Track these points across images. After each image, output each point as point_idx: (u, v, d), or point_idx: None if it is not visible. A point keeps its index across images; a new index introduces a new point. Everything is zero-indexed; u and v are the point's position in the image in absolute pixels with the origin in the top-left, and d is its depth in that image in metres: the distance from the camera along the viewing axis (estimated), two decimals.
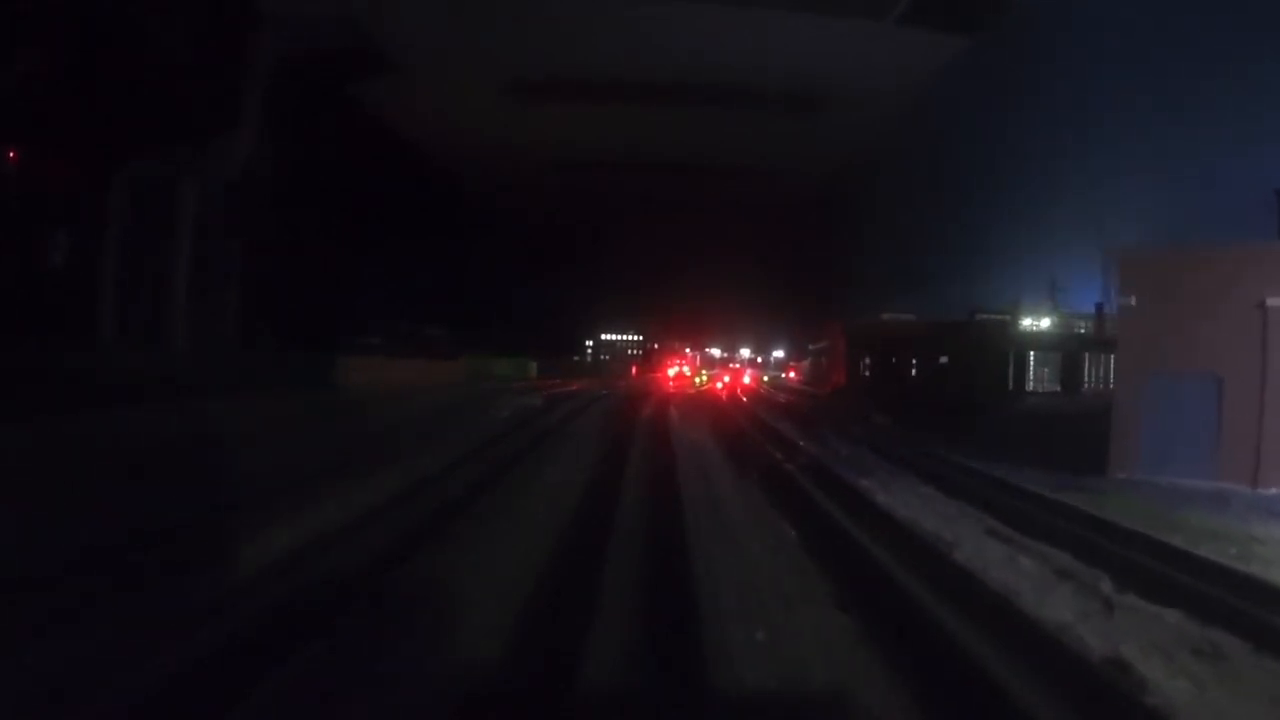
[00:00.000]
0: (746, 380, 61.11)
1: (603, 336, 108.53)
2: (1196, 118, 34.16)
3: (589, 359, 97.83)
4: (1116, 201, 36.69)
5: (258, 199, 30.33)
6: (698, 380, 64.37)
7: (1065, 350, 32.83)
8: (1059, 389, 31.57)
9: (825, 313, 54.26)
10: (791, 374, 73.80)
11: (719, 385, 56.96)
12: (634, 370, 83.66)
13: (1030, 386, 31.95)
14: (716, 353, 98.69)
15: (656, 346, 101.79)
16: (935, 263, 46.77)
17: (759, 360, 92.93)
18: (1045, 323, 39.48)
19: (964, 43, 34.69)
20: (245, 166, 29.59)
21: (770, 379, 72.72)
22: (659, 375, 71.98)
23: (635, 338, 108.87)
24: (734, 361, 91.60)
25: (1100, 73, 35.90)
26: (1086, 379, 32.34)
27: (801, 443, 18.55)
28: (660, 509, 10.54)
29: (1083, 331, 35.20)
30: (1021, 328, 38.42)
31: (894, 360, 35.81)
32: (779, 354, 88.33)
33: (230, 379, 20.21)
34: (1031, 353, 32.73)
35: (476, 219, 54.73)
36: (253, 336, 30.54)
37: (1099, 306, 29.95)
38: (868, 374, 37.47)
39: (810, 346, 59.16)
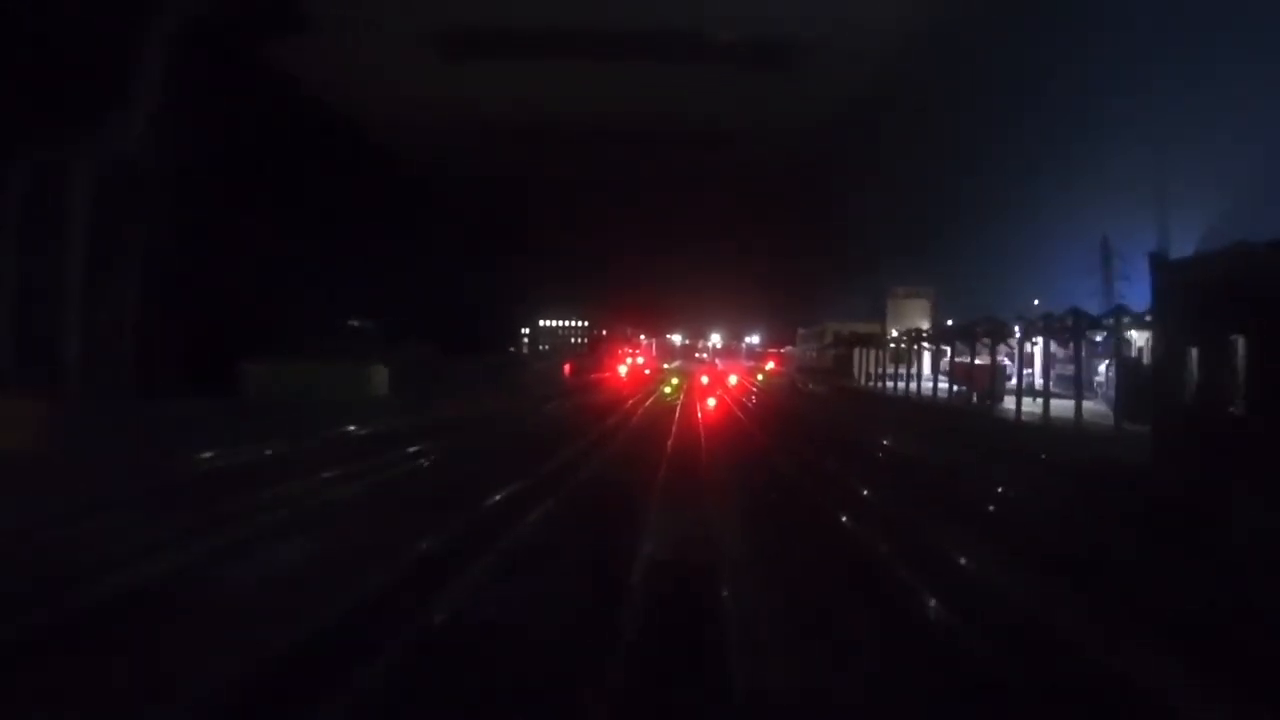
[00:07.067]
0: (733, 380, 52.04)
1: (541, 323, 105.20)
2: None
3: (524, 350, 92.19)
4: (1174, 166, 34.21)
5: (160, 184, 27.97)
6: (667, 389, 45.44)
7: None
8: None
9: (809, 295, 53.15)
10: (771, 364, 69.93)
11: (711, 401, 37.59)
12: (568, 369, 67.53)
13: None
14: (677, 339, 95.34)
15: (605, 333, 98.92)
16: (947, 241, 45.94)
17: (724, 348, 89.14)
18: None
19: None
20: (145, 145, 27.11)
21: (764, 377, 62.58)
22: (607, 374, 62.96)
23: (580, 324, 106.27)
24: (700, 350, 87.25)
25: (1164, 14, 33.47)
26: None
27: None
28: None
29: None
30: None
31: None
32: (752, 340, 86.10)
33: None
34: None
35: (407, 196, 52.42)
36: (151, 347, 28.21)
37: None
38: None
39: (801, 331, 57.48)
